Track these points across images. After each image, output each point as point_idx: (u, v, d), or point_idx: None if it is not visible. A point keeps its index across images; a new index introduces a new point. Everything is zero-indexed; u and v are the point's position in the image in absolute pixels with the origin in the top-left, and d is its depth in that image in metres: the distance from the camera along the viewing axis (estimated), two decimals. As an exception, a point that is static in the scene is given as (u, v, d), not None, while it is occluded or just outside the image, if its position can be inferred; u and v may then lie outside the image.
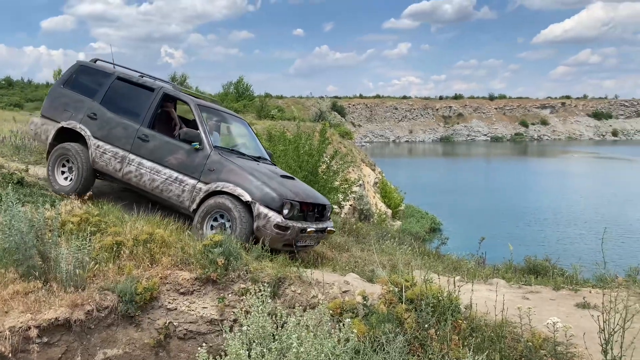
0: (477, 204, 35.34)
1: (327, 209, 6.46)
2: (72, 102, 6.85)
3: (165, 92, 6.58)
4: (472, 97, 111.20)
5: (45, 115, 7.11)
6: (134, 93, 6.73)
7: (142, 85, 6.73)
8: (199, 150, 6.00)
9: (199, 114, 6.29)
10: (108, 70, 7.04)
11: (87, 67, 7.18)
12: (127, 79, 6.85)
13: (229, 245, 4.92)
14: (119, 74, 6.91)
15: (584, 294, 4.41)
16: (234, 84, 60.32)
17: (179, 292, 4.74)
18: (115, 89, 6.77)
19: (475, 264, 7.96)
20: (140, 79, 6.91)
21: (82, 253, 4.44)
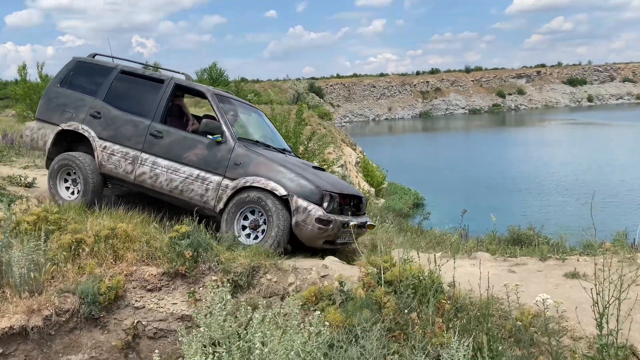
0: (458, 177, 35.42)
1: (364, 202, 6.04)
2: (72, 102, 6.26)
3: (177, 83, 6.02)
4: (449, 70, 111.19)
5: (41, 119, 6.49)
6: (142, 86, 6.19)
7: (150, 78, 6.21)
8: (221, 143, 5.47)
9: (217, 104, 5.77)
10: (109, 65, 6.48)
11: (85, 63, 6.60)
12: (132, 72, 6.31)
13: (198, 236, 4.62)
14: (122, 67, 6.36)
15: (572, 263, 4.23)
16: (207, 70, 59.41)
17: (146, 289, 4.45)
18: (119, 84, 6.22)
19: (459, 237, 7.78)
20: (147, 70, 6.41)
21: (37, 254, 4.11)
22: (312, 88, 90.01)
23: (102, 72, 6.37)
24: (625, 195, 26.81)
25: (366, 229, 5.87)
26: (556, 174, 33.52)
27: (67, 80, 6.49)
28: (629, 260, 4.16)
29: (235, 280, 4.42)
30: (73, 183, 6.11)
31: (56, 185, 6.13)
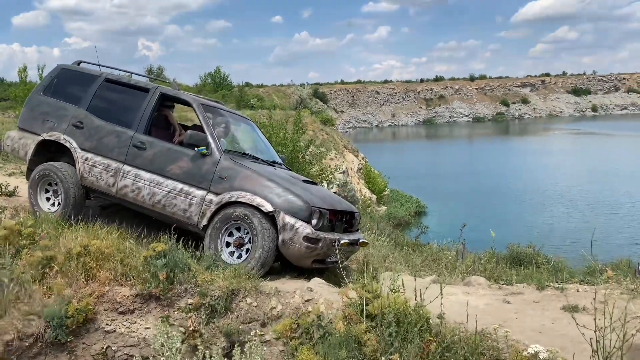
0: (461, 186, 35.11)
1: (356, 217, 5.74)
2: (54, 111, 6.01)
3: (162, 93, 5.77)
4: (453, 78, 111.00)
5: (23, 128, 6.23)
6: (126, 96, 5.93)
7: (135, 87, 5.94)
8: (206, 155, 5.21)
9: (203, 115, 5.51)
10: (94, 73, 6.22)
11: (69, 71, 6.34)
12: (117, 80, 6.06)
13: (174, 255, 4.37)
14: (107, 75, 6.11)
15: (572, 294, 3.96)
16: (211, 74, 59.41)
17: (118, 311, 4.19)
18: (103, 92, 5.97)
19: (455, 255, 7.51)
20: (132, 79, 6.16)
21: (0, 273, 3.86)
22: (316, 94, 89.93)
23: (87, 80, 6.12)
24: (630, 207, 26.46)
25: (359, 246, 5.61)
26: (560, 184, 33.16)
27: (51, 88, 6.24)
28: (633, 292, 3.88)
29: (212, 304, 4.16)
30: (54, 194, 5.87)
31: (36, 196, 5.88)
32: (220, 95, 50.65)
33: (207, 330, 4.14)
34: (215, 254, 4.87)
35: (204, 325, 4.15)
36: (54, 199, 5.86)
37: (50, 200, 5.89)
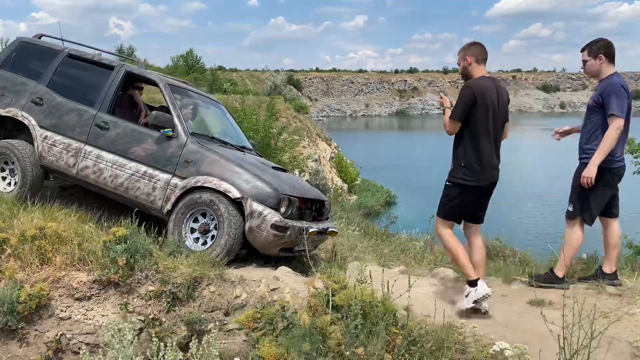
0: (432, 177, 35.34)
1: (326, 206, 5.60)
2: (12, 86, 5.70)
3: (127, 71, 5.51)
4: (427, 70, 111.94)
5: None
6: (90, 73, 5.66)
7: (100, 64, 5.65)
8: (172, 138, 5.00)
9: (170, 95, 5.27)
10: (56, 47, 5.90)
11: (30, 44, 6.00)
12: (81, 56, 5.74)
13: (135, 240, 4.19)
14: (70, 51, 5.78)
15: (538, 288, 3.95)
16: (183, 56, 58.26)
17: (74, 297, 4.01)
18: (65, 68, 5.68)
19: (424, 246, 7.51)
20: (97, 55, 5.85)
21: (-55, 256, 3.63)
22: (291, 80, 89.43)
23: (48, 55, 5.82)
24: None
25: (328, 235, 5.52)
26: (529, 179, 33.78)
27: (9, 62, 5.91)
28: (598, 287, 3.89)
29: (173, 292, 4.01)
30: (10, 173, 5.58)
31: None
32: (192, 78, 49.78)
33: (167, 318, 4.00)
34: (179, 239, 4.72)
35: (164, 313, 4.00)
36: (10, 178, 5.58)
37: (7, 180, 5.61)
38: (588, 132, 4.15)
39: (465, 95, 3.77)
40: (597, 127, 4.07)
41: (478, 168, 3.82)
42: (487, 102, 3.79)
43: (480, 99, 3.76)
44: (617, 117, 3.88)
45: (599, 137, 3.99)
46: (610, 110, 3.91)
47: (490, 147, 3.86)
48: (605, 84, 4.07)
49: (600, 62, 4.12)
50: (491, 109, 3.82)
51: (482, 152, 3.82)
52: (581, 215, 4.05)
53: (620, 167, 4.06)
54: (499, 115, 3.90)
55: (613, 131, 3.88)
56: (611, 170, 3.99)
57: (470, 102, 3.75)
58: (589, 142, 4.11)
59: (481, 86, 3.81)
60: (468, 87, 3.80)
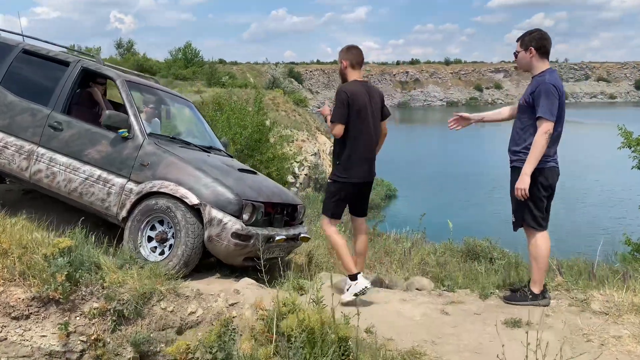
0: (433, 171, 35.11)
1: (299, 210, 5.26)
2: None
3: (83, 67, 5.14)
4: (429, 62, 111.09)
5: None
6: (45, 70, 5.33)
7: (55, 59, 5.29)
8: (127, 139, 4.68)
9: (127, 93, 4.92)
10: (10, 43, 5.53)
11: None
12: (35, 52, 5.37)
13: (80, 252, 3.85)
14: (25, 46, 5.43)
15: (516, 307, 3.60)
16: (182, 50, 57.79)
17: (10, 316, 3.66)
18: (19, 65, 5.32)
19: (410, 247, 7.16)
20: (52, 51, 5.48)
21: None
22: (292, 73, 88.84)
23: (1, 50, 5.46)
24: (598, 195, 26.72)
25: (300, 241, 5.18)
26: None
27: None
28: (582, 304, 3.53)
29: (119, 310, 3.67)
30: None
31: None
32: (190, 71, 49.38)
33: (112, 339, 3.66)
34: (134, 249, 4.38)
35: (109, 333, 3.67)
36: None
37: None
38: (517, 134, 3.87)
39: (342, 99, 4.03)
40: (527, 129, 3.77)
41: (350, 166, 4.12)
42: (358, 104, 4.06)
43: (353, 101, 4.03)
44: (546, 120, 3.59)
45: (527, 140, 3.71)
46: (539, 112, 3.62)
47: (363, 145, 4.13)
48: (537, 82, 3.76)
49: (531, 56, 3.81)
50: (362, 110, 4.09)
51: (357, 151, 4.10)
52: (526, 223, 3.75)
53: (553, 168, 3.75)
54: (371, 116, 4.16)
55: (541, 136, 3.59)
56: (543, 170, 3.68)
57: (345, 103, 4.01)
58: (518, 144, 3.83)
59: (353, 89, 4.09)
60: (342, 91, 4.07)
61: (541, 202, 3.69)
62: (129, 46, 72.52)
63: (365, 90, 4.20)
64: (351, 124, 4.06)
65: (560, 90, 3.69)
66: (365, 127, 4.13)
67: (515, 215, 3.79)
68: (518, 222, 3.79)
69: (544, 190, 3.68)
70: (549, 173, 3.69)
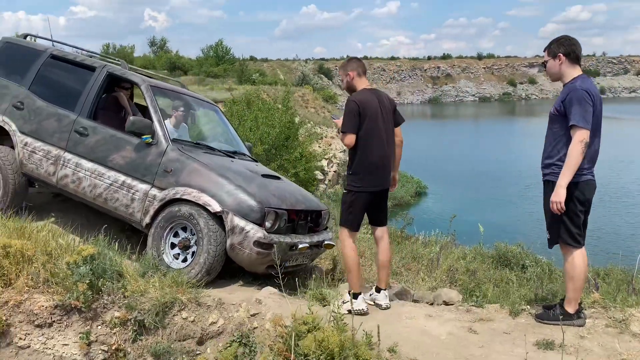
0: (465, 167, 34.45)
1: (324, 216, 5.15)
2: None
3: (109, 72, 5.16)
4: (461, 56, 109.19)
5: None
6: (72, 75, 5.38)
7: (82, 65, 5.33)
8: (151, 145, 4.67)
9: (151, 98, 4.92)
10: (39, 48, 5.62)
11: (13, 45, 5.75)
12: (63, 57, 5.44)
13: (102, 261, 3.84)
14: (53, 51, 5.49)
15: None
16: (213, 47, 58.35)
17: (34, 324, 3.68)
18: (47, 70, 5.40)
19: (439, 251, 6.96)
20: (79, 56, 5.54)
21: None
22: (321, 69, 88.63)
23: (31, 56, 5.52)
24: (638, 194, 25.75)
25: (324, 248, 5.08)
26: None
27: None
28: (620, 325, 3.32)
29: (139, 320, 3.65)
30: None
31: None
32: (221, 69, 49.77)
33: (133, 349, 3.64)
34: (157, 256, 4.36)
35: (130, 343, 3.65)
36: None
37: None
38: (549, 145, 3.64)
39: (352, 109, 3.96)
40: (559, 139, 3.54)
41: (366, 175, 4.02)
42: (370, 112, 3.97)
43: (364, 110, 3.95)
44: (580, 128, 3.36)
45: (561, 151, 3.49)
46: (572, 120, 3.39)
47: (378, 154, 4.02)
48: (567, 89, 3.53)
49: (560, 63, 3.59)
50: (375, 118, 4.00)
51: (370, 160, 4.00)
52: (562, 239, 3.53)
53: (589, 181, 3.52)
54: (383, 123, 4.07)
55: (576, 145, 3.36)
56: (578, 184, 3.46)
57: (356, 113, 3.93)
58: (551, 156, 3.60)
59: (363, 98, 4.01)
60: (352, 100, 4.00)
61: (577, 217, 3.48)
62: (162, 44, 73.63)
63: (376, 98, 4.09)
64: (363, 133, 3.96)
65: (595, 97, 3.46)
66: (378, 135, 4.02)
67: (550, 231, 3.59)
68: (553, 239, 3.58)
69: (581, 205, 3.48)
70: (586, 187, 3.48)
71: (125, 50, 57.86)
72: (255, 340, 3.56)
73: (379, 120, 4.03)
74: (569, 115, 3.40)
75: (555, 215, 3.45)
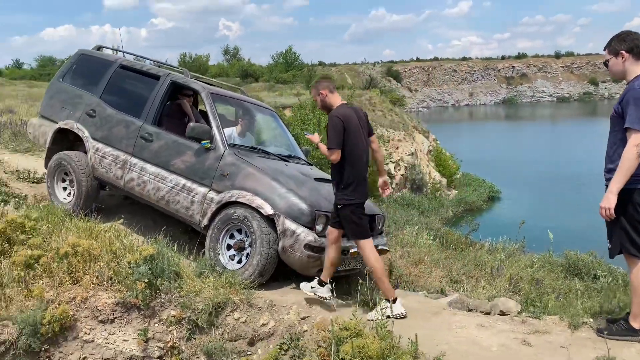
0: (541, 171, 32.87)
1: (378, 220, 5.14)
2: (71, 98, 5.87)
3: (172, 80, 5.43)
4: (537, 55, 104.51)
5: (43, 115, 6.20)
6: (138, 83, 5.73)
7: (147, 74, 5.66)
8: (210, 150, 4.85)
9: (210, 105, 5.13)
10: (110, 59, 6.02)
11: (88, 56, 6.17)
12: (131, 67, 5.80)
13: (160, 261, 4.01)
14: (122, 61, 5.88)
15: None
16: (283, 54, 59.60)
17: (98, 319, 3.90)
18: (117, 79, 5.76)
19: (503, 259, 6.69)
20: (145, 65, 5.90)
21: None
22: (390, 72, 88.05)
23: (102, 66, 5.89)
24: None
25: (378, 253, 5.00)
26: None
27: (70, 74, 6.10)
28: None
29: (193, 319, 3.77)
30: (70, 184, 5.71)
31: (53, 185, 5.78)
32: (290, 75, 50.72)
33: (187, 347, 3.77)
34: (213, 256, 4.50)
35: (184, 341, 3.78)
36: (70, 188, 5.71)
37: (67, 190, 5.76)
38: (611, 149, 3.36)
39: (336, 124, 3.98)
40: (619, 143, 3.26)
41: (356, 187, 4.06)
42: (351, 126, 4.03)
43: (347, 125, 4.00)
44: (635, 131, 3.09)
45: None
46: (627, 122, 3.14)
47: (362, 166, 4.11)
48: (626, 89, 3.26)
49: (623, 60, 3.32)
50: (357, 132, 4.06)
51: (358, 172, 4.07)
52: (625, 249, 3.26)
53: None
54: (363, 137, 4.14)
55: (630, 150, 3.11)
56: (635, 191, 3.18)
57: (340, 129, 3.96)
58: (613, 160, 3.31)
59: (344, 113, 4.05)
60: (335, 116, 4.03)
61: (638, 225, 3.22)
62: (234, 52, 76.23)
63: (353, 111, 4.17)
64: (348, 147, 4.00)
65: None
66: (361, 148, 4.11)
67: (611, 241, 3.33)
68: (615, 249, 3.32)
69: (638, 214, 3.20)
70: None
71: (200, 59, 60.38)
72: (305, 343, 3.58)
73: (360, 134, 4.11)
74: (625, 116, 3.16)
75: (615, 223, 3.21)
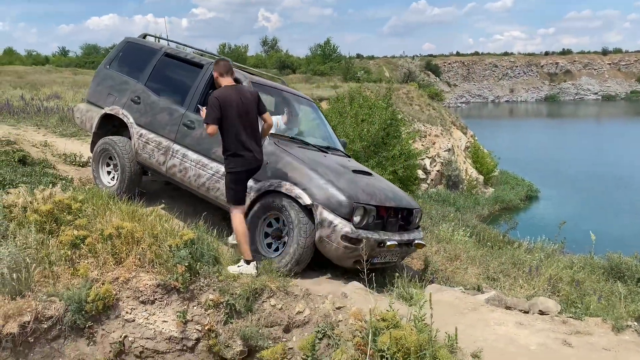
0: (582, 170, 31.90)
1: (415, 214, 5.15)
2: (117, 85, 6.05)
3: None
4: (582, 52, 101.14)
5: (90, 101, 6.42)
6: (182, 71, 5.84)
7: (191, 62, 5.76)
8: None
9: None
10: (154, 46, 6.17)
11: (134, 44, 6.34)
12: (175, 55, 5.91)
13: (200, 246, 4.09)
14: (166, 49, 5.99)
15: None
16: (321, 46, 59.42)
17: (139, 300, 4.01)
18: (161, 67, 5.89)
19: (542, 259, 6.55)
20: (189, 54, 6.03)
21: (22, 252, 3.82)
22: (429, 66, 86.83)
23: (148, 54, 6.03)
24: None
25: (414, 247, 4.99)
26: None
27: (116, 61, 6.26)
28: None
29: (231, 303, 3.83)
30: (114, 168, 5.89)
31: (98, 169, 5.96)
32: (327, 67, 50.59)
33: (224, 330, 3.84)
34: (252, 244, 4.56)
35: (221, 325, 3.86)
36: (115, 173, 5.88)
37: (111, 174, 5.93)
38: None
39: (212, 103, 4.34)
40: None
41: (237, 156, 4.37)
42: (230, 104, 4.34)
43: (224, 103, 4.32)
44: None
45: None
46: None
47: (244, 138, 4.38)
48: None
49: None
50: (236, 109, 4.36)
51: (238, 143, 4.37)
52: None
53: None
54: (246, 112, 4.42)
55: None
56: None
57: (216, 107, 4.30)
58: None
59: (223, 93, 4.39)
60: (213, 96, 4.38)
61: None
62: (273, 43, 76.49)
63: (236, 91, 4.44)
64: (229, 120, 4.33)
65: None
66: (243, 121, 4.38)
67: None
68: None
69: None
70: None
71: (239, 49, 60.81)
72: (340, 333, 3.60)
73: (241, 111, 4.38)
74: None
75: None
